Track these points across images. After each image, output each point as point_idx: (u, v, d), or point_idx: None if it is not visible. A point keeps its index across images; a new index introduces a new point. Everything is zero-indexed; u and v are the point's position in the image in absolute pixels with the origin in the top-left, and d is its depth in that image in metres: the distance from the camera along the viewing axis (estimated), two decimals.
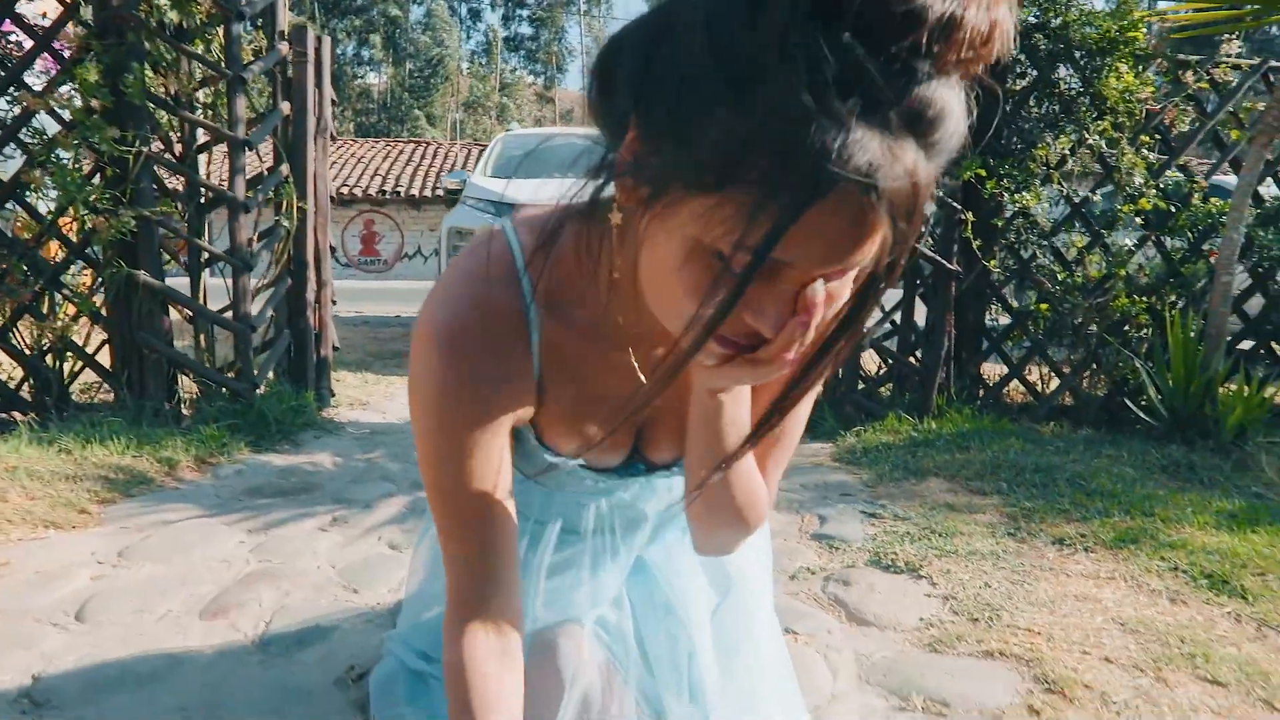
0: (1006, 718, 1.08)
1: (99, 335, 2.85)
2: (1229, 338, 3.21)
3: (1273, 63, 3.06)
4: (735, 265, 0.44)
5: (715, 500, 0.73)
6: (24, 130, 2.63)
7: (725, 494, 0.72)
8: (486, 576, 0.73)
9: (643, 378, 0.69)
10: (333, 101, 3.20)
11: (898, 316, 3.30)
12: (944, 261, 3.01)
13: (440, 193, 15.06)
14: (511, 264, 0.65)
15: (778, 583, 1.59)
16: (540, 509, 0.93)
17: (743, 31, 0.41)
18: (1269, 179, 3.28)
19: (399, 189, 15.31)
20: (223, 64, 2.67)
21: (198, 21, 2.67)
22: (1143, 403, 2.99)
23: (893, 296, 3.43)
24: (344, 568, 1.62)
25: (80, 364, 2.78)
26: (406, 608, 1.19)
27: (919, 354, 3.20)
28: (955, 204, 2.97)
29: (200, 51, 2.69)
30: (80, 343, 2.76)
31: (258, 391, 2.72)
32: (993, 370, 3.49)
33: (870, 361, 3.59)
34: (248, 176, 2.78)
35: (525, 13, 38.10)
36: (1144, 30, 2.91)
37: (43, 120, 2.72)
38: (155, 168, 2.64)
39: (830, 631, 1.38)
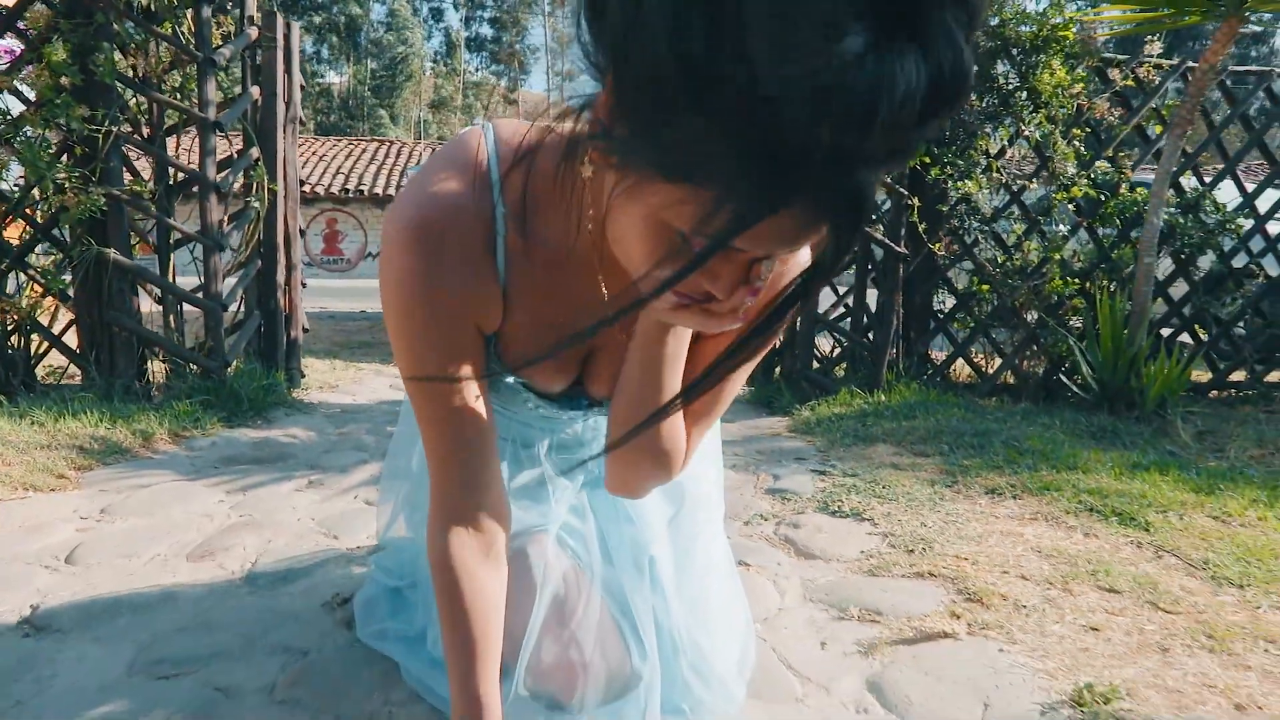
0: (930, 620, 1.22)
1: (62, 319, 2.86)
2: (1156, 318, 3.45)
3: (1190, 63, 3.29)
4: (694, 246, 0.48)
5: (642, 440, 0.78)
6: None
7: (653, 435, 0.78)
8: (467, 474, 0.80)
9: (603, 308, 0.72)
10: (301, 87, 3.25)
11: (851, 299, 3.47)
12: (893, 245, 3.18)
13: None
14: (486, 171, 0.69)
15: (733, 528, 1.72)
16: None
17: (705, 49, 0.40)
18: (1189, 171, 3.53)
19: (362, 187, 15.16)
20: (193, 46, 2.71)
21: (166, 3, 2.71)
22: (1077, 379, 3.19)
23: (846, 280, 3.60)
24: (323, 519, 1.70)
25: (44, 344, 2.78)
26: (382, 544, 1.29)
27: (871, 334, 3.37)
28: (903, 190, 3.14)
29: (169, 33, 2.72)
30: (44, 325, 2.76)
31: (229, 370, 2.77)
32: (941, 355, 3.68)
33: (825, 342, 3.75)
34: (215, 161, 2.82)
35: (486, 14, 37.96)
36: (1074, 29, 3.12)
37: (5, 100, 2.73)
38: (124, 148, 2.67)
39: (780, 564, 1.51)
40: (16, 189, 2.66)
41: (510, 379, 0.85)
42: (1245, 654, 1.11)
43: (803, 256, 0.59)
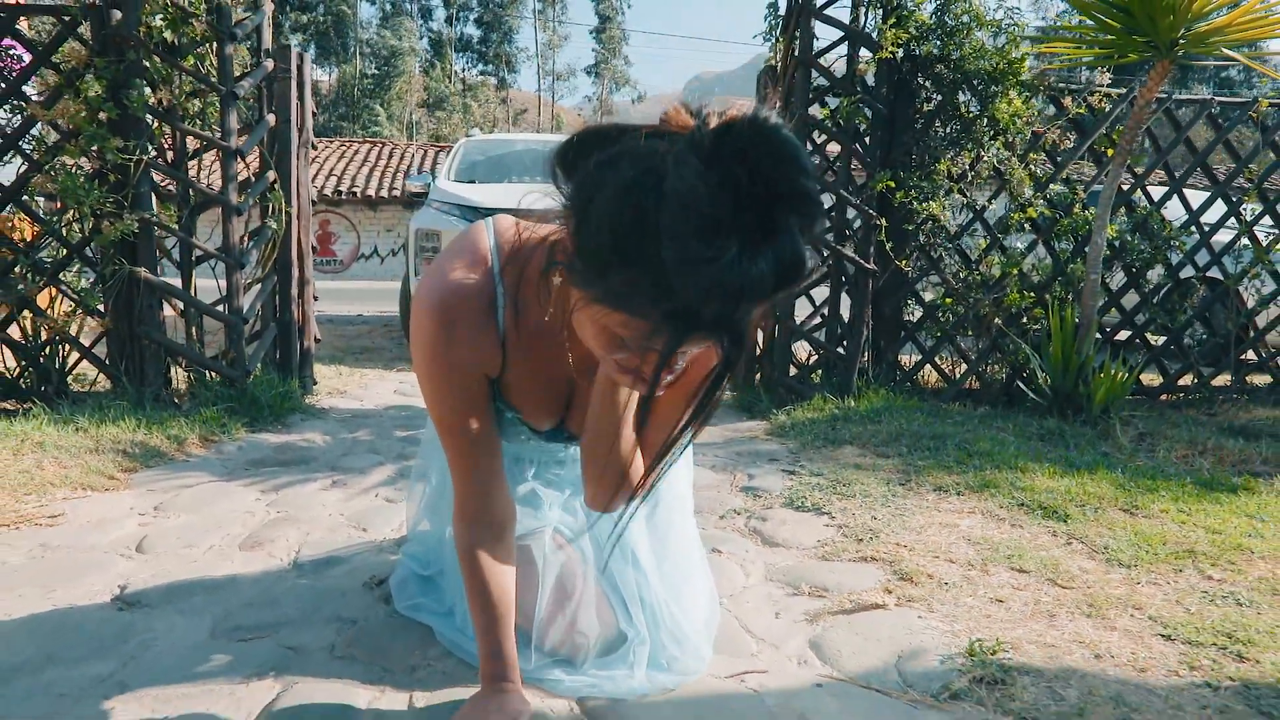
0: (867, 595, 1.48)
1: (87, 331, 3.07)
2: (1111, 326, 3.73)
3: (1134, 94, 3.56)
4: (630, 345, 0.72)
5: (609, 473, 1.04)
6: (24, 138, 2.85)
7: (615, 464, 1.03)
8: (481, 485, 1.06)
9: (572, 371, 0.99)
10: (313, 113, 3.47)
11: (826, 311, 3.73)
12: (862, 261, 3.44)
13: (397, 193, 15.15)
14: (490, 265, 0.95)
15: (709, 521, 1.97)
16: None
17: (632, 239, 0.61)
18: (1139, 190, 3.81)
19: (355, 189, 15.31)
20: (215, 79, 2.93)
21: (190, 40, 2.93)
22: (1033, 385, 3.47)
23: (821, 293, 3.86)
24: (351, 514, 1.94)
25: (74, 354, 3.00)
26: (410, 538, 1.54)
27: (844, 344, 3.63)
28: (871, 211, 3.40)
29: (191, 67, 2.94)
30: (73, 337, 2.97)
31: (249, 378, 2.99)
32: (912, 360, 3.94)
33: (803, 350, 4.01)
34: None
35: (472, 14, 38.01)
36: (1028, 63, 3.39)
37: (37, 127, 2.94)
38: (152, 173, 2.89)
39: (747, 551, 1.76)
40: (45, 208, 2.88)
41: (509, 415, 1.09)
42: (1115, 619, 1.37)
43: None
